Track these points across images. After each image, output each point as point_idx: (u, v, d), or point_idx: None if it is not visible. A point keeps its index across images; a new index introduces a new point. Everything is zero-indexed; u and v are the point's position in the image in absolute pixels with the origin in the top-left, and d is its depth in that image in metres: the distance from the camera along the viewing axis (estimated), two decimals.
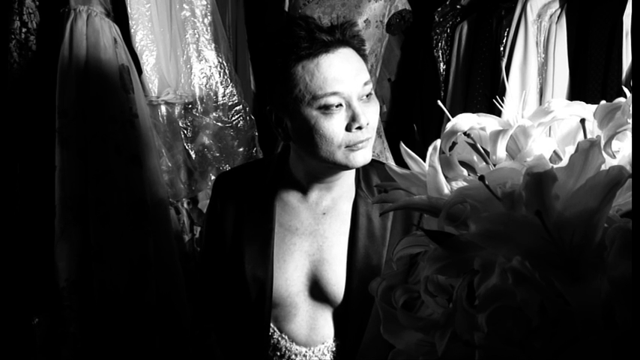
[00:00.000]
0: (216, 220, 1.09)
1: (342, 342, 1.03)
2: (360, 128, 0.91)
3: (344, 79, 0.90)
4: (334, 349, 1.03)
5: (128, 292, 1.58)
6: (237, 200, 1.07)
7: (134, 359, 1.59)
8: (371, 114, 0.94)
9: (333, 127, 0.91)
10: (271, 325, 1.04)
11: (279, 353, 1.03)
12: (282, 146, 1.11)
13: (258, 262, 1.02)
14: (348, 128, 0.92)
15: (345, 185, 1.04)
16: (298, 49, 0.89)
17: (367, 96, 0.93)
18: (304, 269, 1.02)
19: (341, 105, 0.91)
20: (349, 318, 1.01)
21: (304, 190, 1.04)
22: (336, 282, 1.01)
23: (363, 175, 1.05)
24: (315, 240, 1.03)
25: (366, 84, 0.92)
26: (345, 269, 1.01)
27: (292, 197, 1.05)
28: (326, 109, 0.90)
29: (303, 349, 1.02)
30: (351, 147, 0.93)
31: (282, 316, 1.03)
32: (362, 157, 0.94)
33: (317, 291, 1.02)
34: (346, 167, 0.96)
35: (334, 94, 0.89)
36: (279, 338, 1.03)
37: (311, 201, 1.04)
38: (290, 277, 1.02)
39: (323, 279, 1.01)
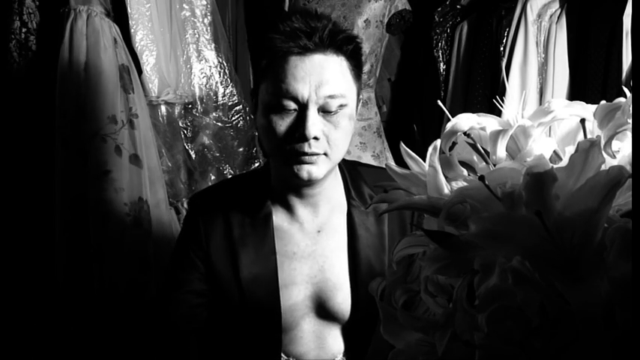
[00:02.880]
0: (197, 244, 1.00)
1: (352, 356, 1.00)
2: (303, 139, 0.87)
3: (303, 83, 0.86)
4: None
5: (128, 292, 1.58)
6: (223, 223, 0.99)
7: (134, 359, 1.59)
8: (333, 133, 0.89)
9: (281, 127, 0.89)
10: None
11: None
12: (264, 163, 1.07)
13: (263, 293, 0.96)
14: (293, 134, 0.88)
15: (332, 199, 1.01)
16: (275, 47, 0.88)
17: (334, 113, 0.88)
18: (307, 292, 0.99)
19: (295, 109, 0.88)
20: (358, 332, 0.99)
21: (291, 209, 1.00)
22: (343, 300, 0.98)
23: (352, 184, 1.02)
24: (315, 261, 0.99)
25: (332, 97, 0.87)
26: (349, 285, 0.99)
27: (283, 220, 1.00)
28: (280, 107, 0.88)
29: None
30: (295, 157, 0.89)
31: (289, 340, 1.00)
32: (306, 172, 0.90)
33: (323, 311, 0.99)
34: (295, 177, 0.91)
35: (287, 95, 0.87)
36: None
37: (302, 220, 1.00)
38: (294, 303, 0.98)
39: (329, 299, 0.99)
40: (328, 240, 1.00)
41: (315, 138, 0.88)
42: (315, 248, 0.99)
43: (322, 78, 0.87)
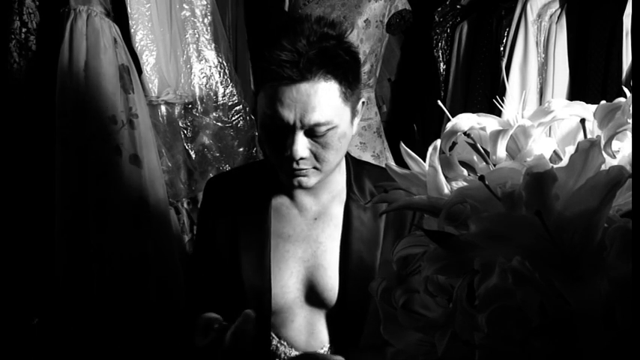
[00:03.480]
0: (208, 226, 1.08)
1: (339, 346, 1.02)
2: (290, 159, 0.91)
3: (289, 110, 0.88)
4: (333, 352, 1.02)
5: (128, 292, 1.58)
6: (230, 207, 1.05)
7: (134, 359, 1.59)
8: (321, 152, 0.92)
9: (272, 144, 0.93)
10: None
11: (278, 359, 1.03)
12: None
13: (255, 272, 1.00)
14: (282, 152, 0.92)
15: (334, 189, 1.04)
16: (265, 78, 0.91)
17: (322, 135, 0.91)
18: (299, 276, 1.02)
19: (283, 131, 0.91)
20: (344, 323, 1.01)
21: (291, 195, 1.04)
22: (332, 287, 1.01)
23: (355, 178, 1.05)
24: (309, 246, 1.02)
25: (318, 125, 0.89)
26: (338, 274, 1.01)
27: (283, 203, 1.04)
28: (271, 127, 0.92)
29: None
30: (286, 169, 0.93)
31: (280, 323, 1.03)
32: (297, 182, 0.94)
33: (313, 297, 1.02)
34: (288, 183, 0.96)
35: (275, 119, 0.89)
36: (278, 344, 1.03)
37: (301, 206, 1.04)
38: (285, 284, 1.01)
39: (319, 285, 1.01)
40: (324, 227, 1.03)
41: (302, 158, 0.91)
42: (310, 233, 1.03)
43: (308, 107, 0.88)
